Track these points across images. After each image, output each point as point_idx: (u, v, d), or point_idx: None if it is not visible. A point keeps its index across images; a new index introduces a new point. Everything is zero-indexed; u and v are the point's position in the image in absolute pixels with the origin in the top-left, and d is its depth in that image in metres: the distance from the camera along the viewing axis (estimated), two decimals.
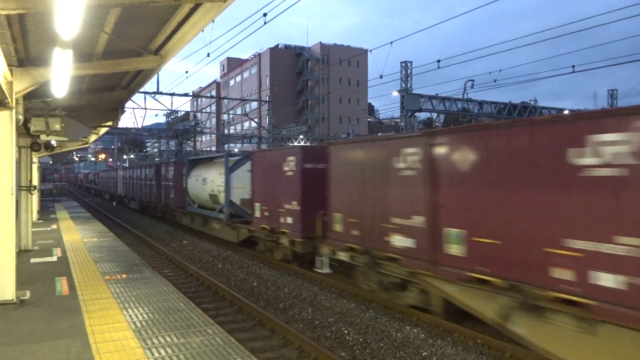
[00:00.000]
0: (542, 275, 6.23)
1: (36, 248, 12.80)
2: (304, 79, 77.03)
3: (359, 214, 10.00)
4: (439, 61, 23.54)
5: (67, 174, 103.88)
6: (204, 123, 63.17)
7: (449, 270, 7.67)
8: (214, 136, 73.68)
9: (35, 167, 19.77)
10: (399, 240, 8.86)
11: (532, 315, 6.44)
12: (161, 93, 33.18)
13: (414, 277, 8.61)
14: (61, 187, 53.46)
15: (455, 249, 7.58)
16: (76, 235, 15.82)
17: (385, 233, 9.18)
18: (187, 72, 29.92)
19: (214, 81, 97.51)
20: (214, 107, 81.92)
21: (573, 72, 25.04)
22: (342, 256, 10.53)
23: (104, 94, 12.54)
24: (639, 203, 5.31)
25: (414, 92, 31.12)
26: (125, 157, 73.24)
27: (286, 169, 13.28)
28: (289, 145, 34.93)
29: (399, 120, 41.12)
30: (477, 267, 7.17)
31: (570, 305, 5.91)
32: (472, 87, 32.15)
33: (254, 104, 64.68)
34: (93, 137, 20.61)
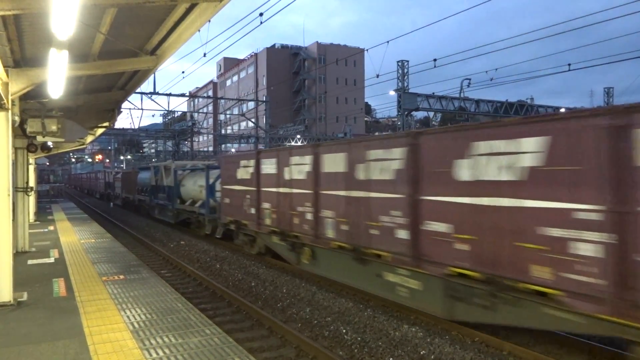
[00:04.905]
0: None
1: (33, 249, 12.78)
2: (301, 78, 77.04)
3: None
4: (435, 60, 23.58)
5: (75, 175, 78.55)
6: (201, 123, 63.10)
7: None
8: (211, 136, 73.61)
9: (31, 168, 19.75)
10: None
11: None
12: (158, 93, 33.20)
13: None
14: (58, 188, 53.17)
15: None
16: (73, 236, 15.79)
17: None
18: (183, 72, 29.95)
19: (211, 81, 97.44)
20: (210, 107, 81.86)
21: (569, 70, 25.13)
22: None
23: (101, 94, 12.52)
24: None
25: (410, 91, 31.14)
26: (122, 157, 73.14)
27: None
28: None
29: (395, 119, 41.14)
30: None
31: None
32: (468, 86, 32.21)
33: (251, 104, 64.64)
34: (90, 138, 20.57)
